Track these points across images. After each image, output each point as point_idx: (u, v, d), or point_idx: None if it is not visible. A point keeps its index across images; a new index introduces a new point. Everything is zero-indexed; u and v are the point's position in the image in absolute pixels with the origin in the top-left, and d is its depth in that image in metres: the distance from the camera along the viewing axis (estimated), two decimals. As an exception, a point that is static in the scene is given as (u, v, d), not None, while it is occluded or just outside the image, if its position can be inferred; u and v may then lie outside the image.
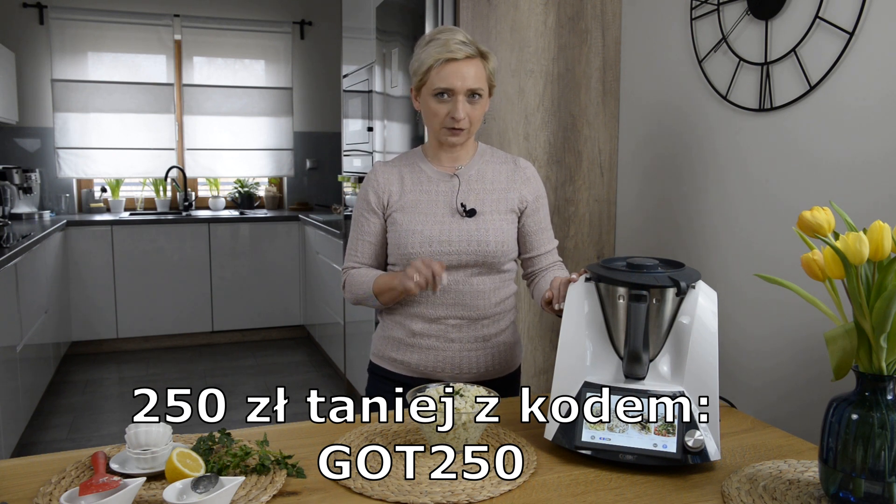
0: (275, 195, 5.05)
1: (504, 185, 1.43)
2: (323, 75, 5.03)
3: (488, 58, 1.37)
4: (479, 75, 1.34)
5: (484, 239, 1.38)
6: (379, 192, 1.42)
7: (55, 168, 4.48)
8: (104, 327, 4.24)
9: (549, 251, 1.49)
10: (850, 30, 1.51)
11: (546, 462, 1.07)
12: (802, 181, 1.66)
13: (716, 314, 1.10)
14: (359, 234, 1.45)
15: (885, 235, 0.86)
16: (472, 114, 1.36)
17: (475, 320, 1.41)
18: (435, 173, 1.43)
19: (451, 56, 1.31)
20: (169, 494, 0.88)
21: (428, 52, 1.34)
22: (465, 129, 1.36)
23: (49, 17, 4.36)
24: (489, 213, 1.40)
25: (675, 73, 2.05)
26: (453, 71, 1.32)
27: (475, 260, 1.38)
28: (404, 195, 1.41)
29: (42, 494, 0.94)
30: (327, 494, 0.96)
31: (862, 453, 0.88)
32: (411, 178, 1.42)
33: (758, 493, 0.97)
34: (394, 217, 1.41)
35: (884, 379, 0.88)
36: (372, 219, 1.43)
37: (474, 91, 1.34)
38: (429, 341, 1.41)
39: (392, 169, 1.45)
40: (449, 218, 1.38)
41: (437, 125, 1.37)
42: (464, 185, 1.41)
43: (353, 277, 1.44)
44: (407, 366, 1.44)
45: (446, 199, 1.40)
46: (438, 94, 1.34)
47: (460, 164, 1.44)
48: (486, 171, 1.44)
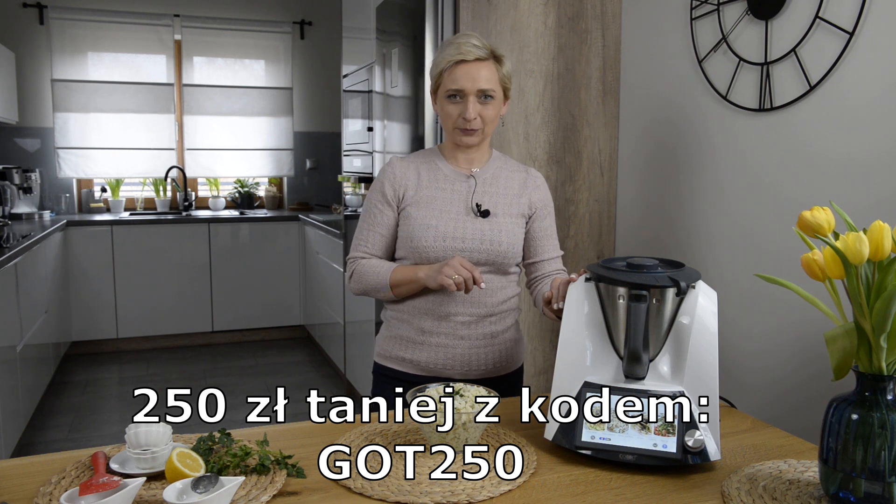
0: (275, 195, 5.05)
1: (516, 190, 1.47)
2: (323, 75, 5.03)
3: (502, 61, 1.40)
4: (491, 77, 1.37)
5: (497, 239, 1.40)
6: (395, 185, 1.44)
7: (55, 168, 4.48)
8: (104, 327, 4.24)
9: (553, 258, 1.51)
10: (850, 30, 1.51)
11: (546, 462, 1.07)
12: (803, 181, 1.66)
13: (716, 314, 1.10)
14: (370, 225, 1.45)
15: (884, 235, 0.86)
16: (485, 114, 1.38)
17: (483, 317, 1.43)
18: (452, 172, 1.45)
19: (461, 58, 1.35)
20: (169, 494, 0.88)
21: (443, 55, 1.38)
22: (479, 130, 1.39)
23: (49, 17, 4.36)
24: (502, 215, 1.43)
25: (675, 73, 2.06)
26: (464, 73, 1.35)
27: (486, 259, 1.40)
28: (420, 190, 1.43)
29: (42, 494, 0.94)
30: (327, 494, 0.96)
31: (862, 453, 0.88)
32: (428, 174, 1.45)
33: (758, 493, 0.97)
34: (408, 211, 1.42)
35: (884, 379, 0.89)
36: (386, 210, 1.44)
37: (485, 92, 1.36)
38: (438, 339, 1.42)
39: (409, 164, 1.46)
40: (463, 216, 1.41)
41: (451, 126, 1.41)
42: (479, 187, 1.44)
43: (363, 267, 1.44)
44: (416, 364, 1.44)
45: (462, 197, 1.43)
46: (451, 96, 1.38)
47: (476, 166, 1.47)
48: (501, 175, 1.48)
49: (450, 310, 1.41)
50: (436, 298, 1.41)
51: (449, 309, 1.41)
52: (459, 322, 1.41)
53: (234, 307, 4.50)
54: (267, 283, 4.57)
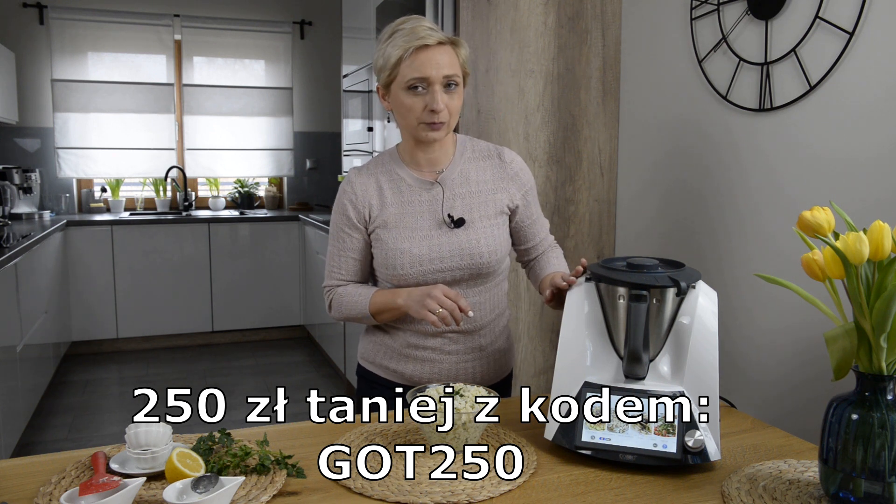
0: (275, 195, 5.05)
1: (491, 185, 1.34)
2: (323, 75, 5.04)
3: (459, 45, 1.27)
4: (453, 62, 1.24)
5: (476, 251, 1.30)
6: (358, 206, 1.32)
7: (55, 168, 4.48)
8: (104, 327, 4.25)
9: (544, 238, 1.44)
10: (850, 30, 1.51)
11: (546, 462, 1.07)
12: (803, 181, 1.66)
13: (716, 314, 1.10)
14: (340, 251, 1.35)
15: (884, 235, 0.86)
16: (451, 105, 1.25)
17: (471, 332, 1.37)
18: (415, 181, 1.32)
19: (422, 42, 1.20)
20: (169, 494, 0.88)
21: (395, 42, 1.23)
22: (445, 123, 1.26)
23: (49, 17, 4.37)
24: (478, 219, 1.32)
25: (675, 73, 2.06)
26: (427, 59, 1.21)
27: (469, 273, 1.31)
28: (385, 208, 1.31)
29: (42, 494, 0.94)
30: (327, 494, 0.96)
31: (862, 453, 0.88)
32: (390, 187, 1.32)
33: (758, 493, 0.97)
34: (378, 233, 1.32)
35: (884, 379, 0.89)
36: (354, 234, 1.34)
37: (450, 79, 1.23)
38: (425, 353, 1.36)
39: (368, 178, 1.34)
40: (436, 231, 1.30)
41: (414, 121, 1.25)
42: (448, 192, 1.32)
43: (340, 297, 1.35)
44: (401, 375, 1.38)
45: (431, 209, 1.31)
46: (412, 87, 1.23)
47: (440, 166, 1.33)
48: (470, 171, 1.34)
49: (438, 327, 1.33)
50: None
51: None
52: (448, 338, 1.35)
53: (234, 307, 4.51)
54: (267, 283, 4.58)
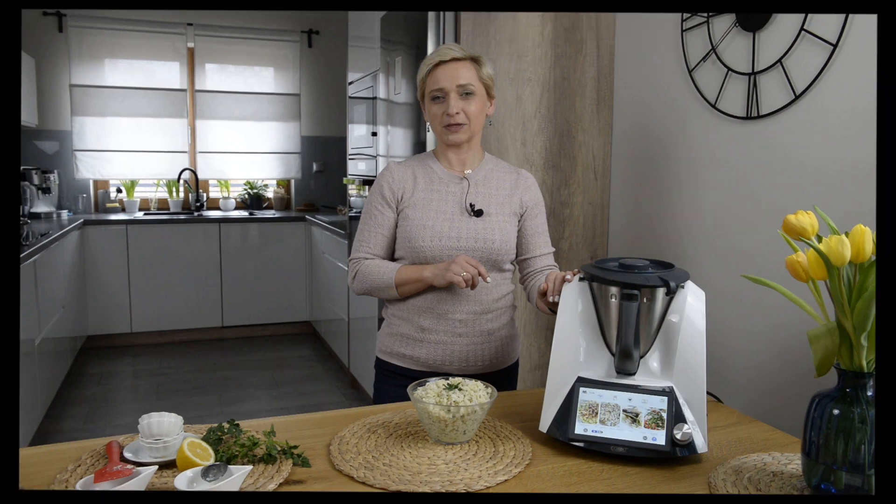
0: (282, 197, 5.13)
1: (508, 190, 1.51)
2: (329, 82, 5.10)
3: (480, 62, 1.45)
4: (469, 75, 1.42)
5: (490, 237, 1.45)
6: (394, 187, 1.48)
7: (73, 169, 4.57)
8: (119, 322, 4.32)
9: (545, 254, 1.54)
10: (833, 42, 1.54)
11: (541, 453, 1.09)
12: (787, 186, 1.68)
13: (704, 313, 1.12)
14: (371, 226, 1.49)
15: (865, 238, 0.87)
16: (468, 109, 1.43)
17: (479, 314, 1.46)
18: (446, 174, 1.50)
19: (438, 59, 1.42)
20: (180, 482, 0.90)
21: (423, 63, 1.46)
22: (465, 126, 1.44)
23: (68, 24, 4.45)
24: (495, 214, 1.47)
25: (666, 82, 2.08)
26: (442, 73, 1.42)
27: (481, 257, 1.44)
28: (416, 192, 1.47)
29: (59, 481, 0.95)
30: (331, 483, 0.98)
31: (843, 447, 0.89)
32: (424, 177, 1.49)
33: (743, 485, 0.98)
34: (405, 213, 1.46)
35: (864, 376, 0.90)
36: (386, 211, 1.48)
37: (464, 87, 1.42)
38: (437, 336, 1.46)
39: (406, 168, 1.51)
40: (458, 216, 1.45)
41: (438, 126, 1.46)
42: (472, 188, 1.49)
43: (367, 267, 1.47)
44: (416, 360, 1.48)
45: (456, 198, 1.47)
46: (434, 98, 1.44)
47: (469, 168, 1.51)
48: (492, 177, 1.52)
49: (448, 308, 1.44)
50: (434, 297, 1.45)
51: (447, 307, 1.44)
52: (457, 320, 1.45)
53: (243, 303, 4.58)
54: (275, 281, 4.64)
